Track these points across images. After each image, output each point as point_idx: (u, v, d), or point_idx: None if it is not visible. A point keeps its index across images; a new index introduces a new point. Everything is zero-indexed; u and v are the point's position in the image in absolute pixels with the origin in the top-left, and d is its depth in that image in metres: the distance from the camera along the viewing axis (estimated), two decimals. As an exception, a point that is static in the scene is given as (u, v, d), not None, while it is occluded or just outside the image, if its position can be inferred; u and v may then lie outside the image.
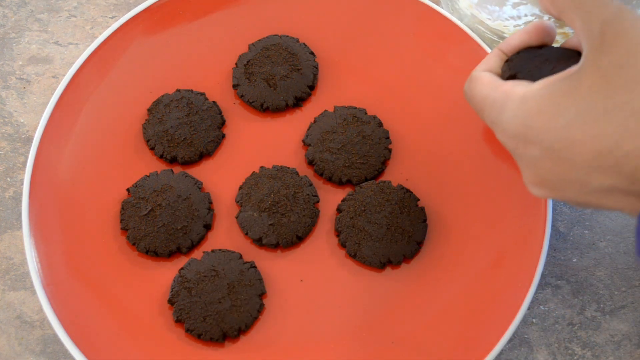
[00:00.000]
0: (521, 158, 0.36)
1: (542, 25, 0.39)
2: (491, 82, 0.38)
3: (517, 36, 0.40)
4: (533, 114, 0.34)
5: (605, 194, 0.33)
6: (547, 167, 0.34)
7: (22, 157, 0.53)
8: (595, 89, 0.31)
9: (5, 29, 0.58)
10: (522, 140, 0.35)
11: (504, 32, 0.52)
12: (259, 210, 0.47)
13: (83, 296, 0.45)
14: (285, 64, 0.52)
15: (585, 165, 0.32)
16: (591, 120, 0.31)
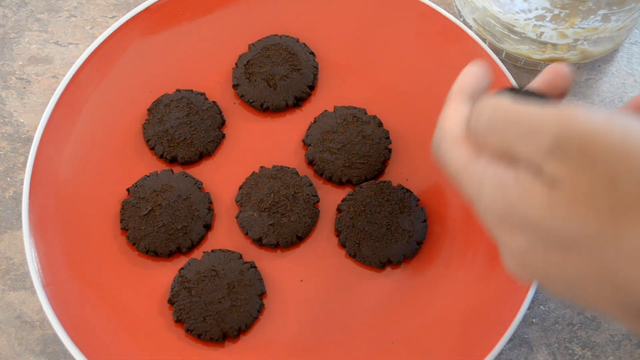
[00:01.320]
0: (505, 246, 0.31)
1: (557, 71, 0.37)
2: (468, 152, 0.33)
3: (483, 79, 0.38)
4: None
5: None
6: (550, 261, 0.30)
7: (22, 157, 0.53)
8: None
9: (5, 29, 0.58)
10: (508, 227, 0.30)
11: (515, 26, 0.52)
12: (259, 210, 0.47)
13: (83, 296, 0.45)
14: (285, 64, 0.52)
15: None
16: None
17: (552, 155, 0.27)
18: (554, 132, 0.27)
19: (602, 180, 0.26)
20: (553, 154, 0.27)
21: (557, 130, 0.27)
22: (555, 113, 0.27)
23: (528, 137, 0.28)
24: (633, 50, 0.57)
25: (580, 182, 0.26)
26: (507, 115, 0.29)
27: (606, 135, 0.26)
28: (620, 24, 0.51)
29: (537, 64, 0.55)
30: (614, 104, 0.55)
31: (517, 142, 0.29)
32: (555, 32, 0.52)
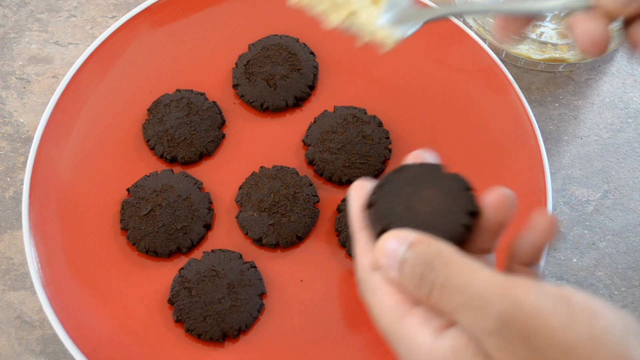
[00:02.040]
0: None
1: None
2: (392, 308, 0.30)
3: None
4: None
5: None
6: None
7: (22, 157, 0.53)
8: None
9: (5, 29, 0.58)
10: None
11: None
12: (259, 210, 0.47)
13: (83, 296, 0.45)
14: (285, 64, 0.52)
15: None
16: None
17: (494, 335, 0.26)
18: (499, 313, 0.26)
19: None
20: (496, 334, 0.26)
21: (502, 311, 0.26)
22: (502, 290, 0.26)
23: (472, 310, 0.26)
24: (633, 50, 0.57)
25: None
26: (452, 279, 0.27)
27: (551, 326, 0.25)
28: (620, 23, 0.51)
29: (537, 63, 0.55)
30: (614, 103, 0.55)
31: (459, 311, 0.27)
32: (555, 32, 0.52)
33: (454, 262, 0.28)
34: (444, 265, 0.28)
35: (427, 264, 0.28)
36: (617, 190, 0.52)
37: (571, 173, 0.53)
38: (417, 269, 0.28)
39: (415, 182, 0.32)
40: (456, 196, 0.31)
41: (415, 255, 0.28)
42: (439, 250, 0.28)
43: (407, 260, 0.29)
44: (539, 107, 0.55)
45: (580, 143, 0.54)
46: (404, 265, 0.29)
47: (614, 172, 0.53)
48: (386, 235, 0.30)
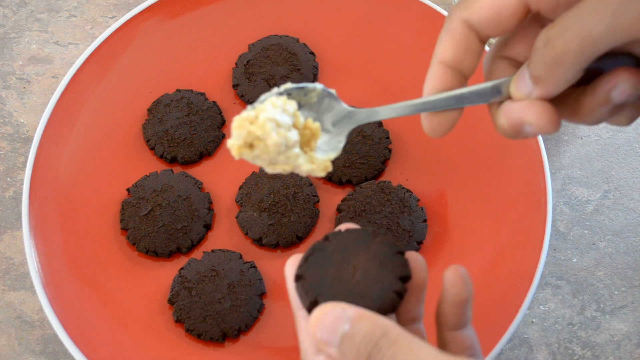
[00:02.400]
0: None
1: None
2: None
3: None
4: None
5: None
6: None
7: (22, 157, 0.53)
8: None
9: (5, 29, 0.58)
10: None
11: None
12: (259, 210, 0.47)
13: (83, 296, 0.45)
14: (285, 64, 0.52)
15: None
16: None
17: None
18: None
19: None
20: None
21: None
22: None
23: None
24: (633, 50, 0.57)
25: None
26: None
27: None
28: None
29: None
30: (614, 104, 0.55)
31: None
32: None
33: (400, 342, 0.27)
34: (391, 345, 0.27)
35: (373, 344, 0.27)
36: (617, 190, 0.52)
37: (571, 173, 0.53)
38: (363, 348, 0.27)
39: (344, 250, 0.31)
40: (386, 261, 0.30)
41: (361, 333, 0.28)
42: (384, 329, 0.28)
43: (351, 337, 0.28)
44: (539, 107, 0.55)
45: (580, 143, 0.54)
46: (346, 342, 0.28)
47: (614, 172, 0.53)
48: (321, 308, 0.29)
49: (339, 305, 0.28)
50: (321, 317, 0.28)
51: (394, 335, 0.27)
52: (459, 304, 0.32)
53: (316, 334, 0.28)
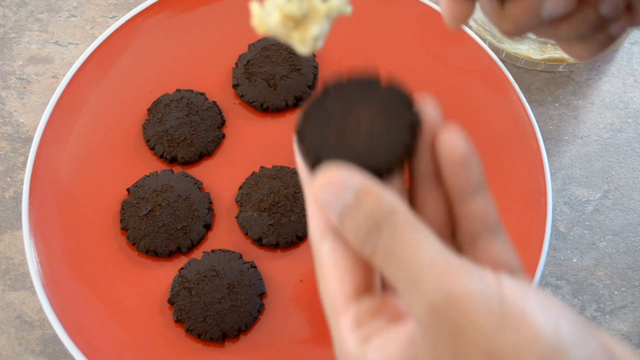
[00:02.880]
0: None
1: None
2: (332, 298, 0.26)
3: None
4: None
5: None
6: None
7: (22, 157, 0.53)
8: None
9: (5, 29, 0.58)
10: None
11: None
12: (259, 210, 0.47)
13: (83, 296, 0.45)
14: (285, 64, 0.52)
15: None
16: None
17: (422, 325, 0.23)
18: (431, 302, 0.23)
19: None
20: (424, 325, 0.23)
21: (434, 301, 0.23)
22: (440, 275, 0.23)
23: (410, 291, 0.23)
24: (633, 50, 0.57)
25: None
26: (396, 248, 0.24)
27: (480, 329, 0.22)
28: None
29: (537, 63, 0.55)
30: (614, 104, 0.55)
31: (400, 287, 0.24)
32: (555, 32, 0.52)
33: (403, 230, 0.24)
34: (393, 230, 0.24)
35: (375, 223, 0.24)
36: (617, 190, 0.52)
37: (571, 173, 0.53)
38: (363, 226, 0.24)
39: (347, 102, 0.28)
40: (394, 112, 0.27)
41: (363, 211, 0.25)
42: (389, 209, 0.24)
43: (352, 213, 0.25)
44: (539, 107, 0.55)
45: (580, 143, 0.54)
46: (346, 217, 0.25)
47: (614, 172, 0.53)
48: (326, 171, 0.25)
49: (345, 171, 0.25)
50: (324, 180, 0.25)
51: (398, 220, 0.24)
52: (455, 168, 0.27)
53: (318, 195, 0.25)
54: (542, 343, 0.22)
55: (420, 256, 0.23)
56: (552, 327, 0.22)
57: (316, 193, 0.25)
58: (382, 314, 0.25)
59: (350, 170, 0.25)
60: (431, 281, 0.23)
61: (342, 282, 0.26)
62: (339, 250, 0.26)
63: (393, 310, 0.26)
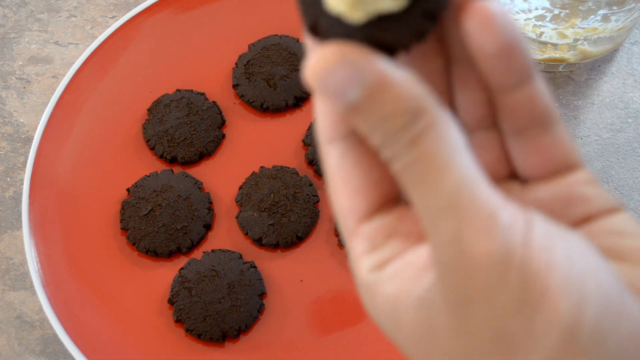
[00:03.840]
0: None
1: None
2: (344, 216, 0.22)
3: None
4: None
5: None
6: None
7: (22, 157, 0.53)
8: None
9: (5, 29, 0.58)
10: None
11: None
12: (259, 210, 0.47)
13: (83, 296, 0.45)
14: (285, 64, 0.52)
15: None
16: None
17: (436, 263, 0.20)
18: (445, 251, 0.19)
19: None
20: (437, 264, 0.20)
21: (448, 251, 0.19)
22: (460, 221, 0.19)
23: (426, 215, 0.19)
24: (633, 50, 0.57)
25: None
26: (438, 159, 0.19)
27: (494, 304, 0.19)
28: (620, 24, 0.51)
29: (537, 64, 0.55)
30: (614, 104, 0.55)
31: (430, 216, 0.19)
32: (555, 32, 0.52)
33: (430, 136, 0.19)
34: (417, 138, 0.19)
35: (394, 127, 0.19)
36: (617, 190, 0.52)
37: (571, 173, 0.53)
38: (378, 126, 0.19)
39: None
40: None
41: (379, 110, 0.19)
42: (414, 108, 0.19)
43: (365, 110, 0.19)
44: (539, 107, 0.55)
45: (580, 143, 0.54)
46: (356, 112, 0.19)
47: (614, 172, 0.53)
48: (323, 55, 0.19)
49: (349, 56, 0.18)
50: (324, 61, 0.19)
51: (425, 123, 0.19)
52: (493, 58, 0.20)
53: (316, 79, 0.19)
54: (560, 331, 0.18)
55: (445, 182, 0.19)
56: (574, 311, 0.18)
57: (314, 76, 0.19)
58: (398, 234, 0.21)
59: (355, 51, 0.19)
60: (449, 228, 0.19)
61: (354, 200, 0.21)
62: (349, 159, 0.21)
63: (411, 226, 0.21)
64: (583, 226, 0.21)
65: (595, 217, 0.21)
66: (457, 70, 0.22)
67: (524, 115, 0.21)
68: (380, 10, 0.19)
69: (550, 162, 0.22)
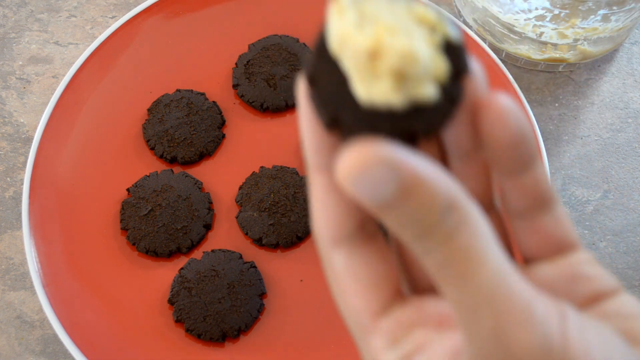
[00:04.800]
0: None
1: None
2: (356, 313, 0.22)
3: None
4: None
5: None
6: None
7: (22, 157, 0.53)
8: None
9: (5, 29, 0.58)
10: None
11: (515, 26, 0.52)
12: (259, 210, 0.47)
13: (83, 296, 0.45)
14: (285, 64, 0.52)
15: None
16: None
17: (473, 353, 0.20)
18: (484, 344, 0.19)
19: None
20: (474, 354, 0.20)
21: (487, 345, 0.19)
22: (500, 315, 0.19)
23: (461, 309, 0.19)
24: (633, 50, 0.57)
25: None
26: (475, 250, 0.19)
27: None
28: (620, 24, 0.51)
29: (537, 63, 0.55)
30: (614, 104, 0.55)
31: (449, 295, 0.19)
32: (555, 32, 0.52)
33: (464, 231, 0.19)
34: (451, 234, 0.19)
35: (428, 225, 0.19)
36: (617, 190, 0.52)
37: (571, 173, 0.53)
38: (411, 223, 0.19)
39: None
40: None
41: (412, 208, 0.19)
42: (447, 204, 0.19)
43: (398, 208, 0.19)
44: (539, 107, 0.55)
45: (580, 143, 0.54)
46: (388, 210, 0.19)
47: (614, 172, 0.53)
48: (353, 156, 0.18)
49: (383, 157, 0.18)
50: (357, 172, 0.18)
51: (458, 219, 0.19)
52: (503, 149, 0.21)
53: (346, 183, 0.18)
54: None
55: (482, 276, 0.19)
56: None
57: (348, 179, 0.18)
58: (421, 325, 0.21)
59: (389, 150, 0.18)
60: (488, 322, 0.19)
61: (367, 298, 0.21)
62: (357, 259, 0.21)
63: (434, 316, 0.22)
64: (591, 307, 0.22)
65: (600, 297, 0.22)
66: (456, 160, 0.23)
67: (528, 196, 0.22)
68: (419, 97, 0.19)
69: (553, 241, 0.23)
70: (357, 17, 0.19)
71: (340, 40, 0.19)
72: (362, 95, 0.19)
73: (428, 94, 0.19)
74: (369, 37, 0.18)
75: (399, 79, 0.18)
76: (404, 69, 0.18)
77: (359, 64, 0.19)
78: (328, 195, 0.21)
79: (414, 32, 0.19)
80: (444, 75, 0.19)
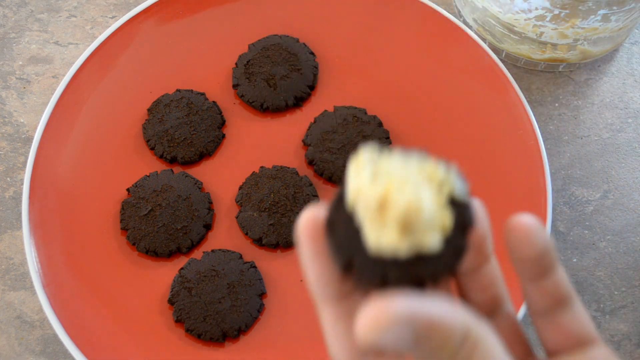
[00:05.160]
0: None
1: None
2: None
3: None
4: None
5: None
6: None
7: (22, 157, 0.53)
8: None
9: (5, 29, 0.58)
10: None
11: (515, 26, 0.52)
12: (259, 210, 0.47)
13: (83, 296, 0.45)
14: (285, 64, 0.52)
15: None
16: None
17: None
18: None
19: None
20: None
21: None
22: None
23: None
24: (633, 50, 0.57)
25: None
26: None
27: None
28: (620, 24, 0.51)
29: (537, 64, 0.55)
30: (614, 104, 0.55)
31: None
32: (555, 32, 0.52)
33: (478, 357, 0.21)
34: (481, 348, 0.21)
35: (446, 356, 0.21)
36: (617, 190, 0.52)
37: (571, 173, 0.53)
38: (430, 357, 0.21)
39: None
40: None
41: (430, 346, 0.21)
42: (461, 336, 0.21)
43: (416, 349, 0.21)
44: (539, 107, 0.55)
45: (580, 143, 0.54)
46: (407, 351, 0.21)
47: (614, 172, 0.53)
48: (372, 312, 0.20)
49: (398, 313, 0.20)
50: (378, 330, 0.20)
51: (472, 348, 0.21)
52: (528, 261, 0.25)
53: (366, 339, 0.20)
54: None
55: None
56: None
57: (364, 336, 0.20)
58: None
59: (403, 304, 0.20)
60: None
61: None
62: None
63: None
64: None
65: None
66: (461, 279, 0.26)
67: (549, 298, 0.25)
68: (423, 246, 0.21)
69: (573, 336, 0.25)
70: (372, 173, 0.22)
71: (356, 193, 0.22)
72: (372, 241, 0.21)
73: (432, 243, 0.21)
74: (379, 190, 0.21)
75: (405, 227, 0.21)
76: (409, 218, 0.21)
77: (369, 213, 0.22)
78: (339, 323, 0.24)
79: (422, 187, 0.22)
80: (448, 228, 0.22)
